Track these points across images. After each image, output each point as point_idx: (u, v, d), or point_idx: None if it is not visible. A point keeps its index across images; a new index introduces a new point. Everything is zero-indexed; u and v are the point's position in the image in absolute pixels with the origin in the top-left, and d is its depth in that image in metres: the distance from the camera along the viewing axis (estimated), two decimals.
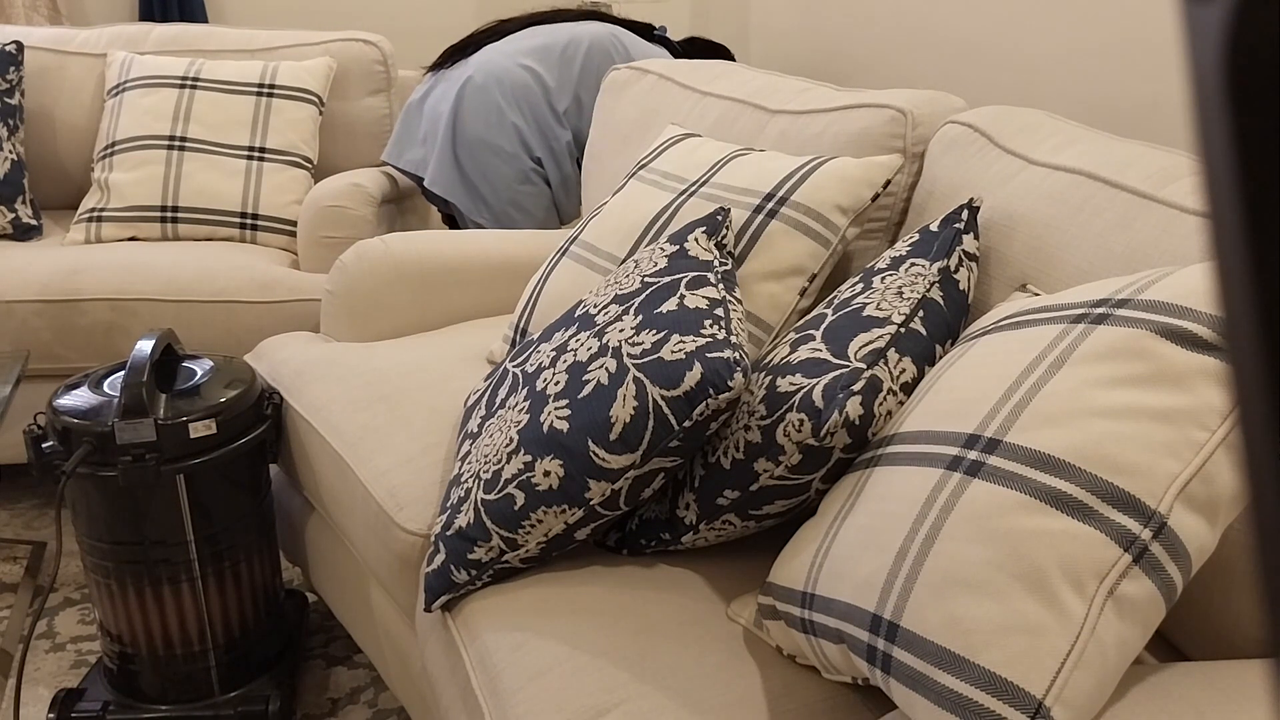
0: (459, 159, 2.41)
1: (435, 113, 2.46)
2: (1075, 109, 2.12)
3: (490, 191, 2.41)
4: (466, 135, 2.39)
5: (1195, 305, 0.83)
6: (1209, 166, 0.23)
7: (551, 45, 2.45)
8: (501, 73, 2.40)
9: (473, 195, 2.42)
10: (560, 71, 2.43)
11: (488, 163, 2.40)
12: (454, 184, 2.43)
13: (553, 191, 2.48)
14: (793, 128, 1.60)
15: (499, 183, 2.41)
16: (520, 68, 2.41)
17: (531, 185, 2.44)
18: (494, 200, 2.42)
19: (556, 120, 2.43)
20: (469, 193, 2.42)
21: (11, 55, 2.46)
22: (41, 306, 2.08)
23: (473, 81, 2.40)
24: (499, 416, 1.21)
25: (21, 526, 2.21)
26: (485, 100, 2.39)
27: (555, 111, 2.43)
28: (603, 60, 2.45)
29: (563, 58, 2.44)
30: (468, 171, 2.41)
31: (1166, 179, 1.11)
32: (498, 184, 2.41)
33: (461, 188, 2.42)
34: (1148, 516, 0.77)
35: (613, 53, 2.47)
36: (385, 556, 1.34)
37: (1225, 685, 0.80)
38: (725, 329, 1.09)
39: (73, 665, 1.79)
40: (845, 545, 0.91)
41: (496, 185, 2.41)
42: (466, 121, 2.40)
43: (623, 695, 0.96)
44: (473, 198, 2.42)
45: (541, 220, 2.48)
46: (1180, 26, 0.23)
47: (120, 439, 1.39)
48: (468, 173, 2.41)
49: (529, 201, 2.44)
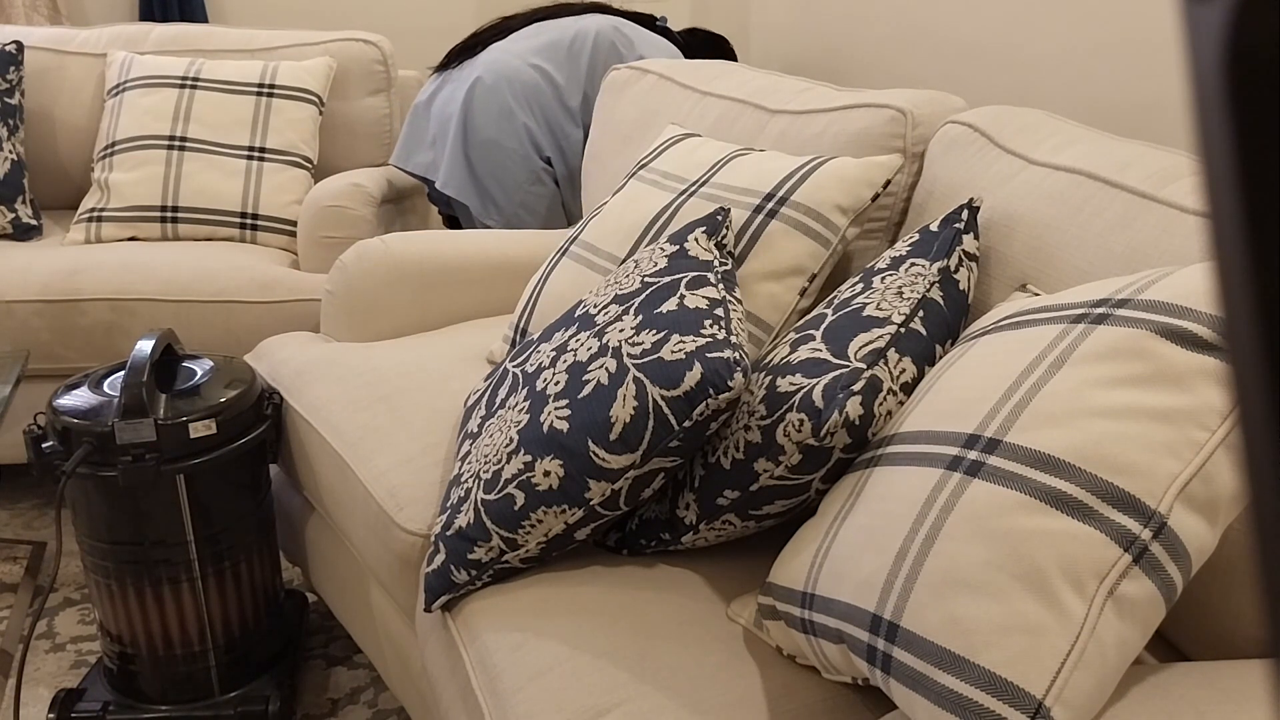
0: (470, 160, 2.40)
1: (444, 114, 2.45)
2: (1075, 109, 2.12)
3: (501, 193, 2.41)
4: (478, 137, 2.39)
5: (1195, 305, 0.83)
6: (1209, 166, 0.23)
7: (558, 41, 2.44)
8: (511, 73, 2.40)
9: (484, 197, 2.42)
10: (569, 68, 2.43)
11: (499, 164, 2.39)
12: (466, 186, 2.42)
13: (561, 191, 2.47)
14: (793, 128, 1.60)
15: (510, 184, 2.41)
16: (529, 67, 2.41)
17: (542, 186, 2.43)
18: (505, 202, 2.42)
19: (569, 118, 2.42)
20: (480, 195, 2.42)
21: (11, 55, 2.46)
22: (41, 306, 2.08)
23: (482, 82, 2.39)
24: (499, 416, 1.21)
25: (21, 526, 2.21)
26: (495, 101, 2.39)
27: (567, 109, 2.42)
28: (609, 54, 2.44)
29: (570, 54, 2.43)
30: (479, 173, 2.41)
31: (1166, 179, 1.11)
32: (509, 185, 2.41)
33: (473, 189, 2.42)
34: (1148, 516, 0.77)
35: (619, 45, 2.45)
36: (385, 556, 1.34)
37: (1225, 685, 0.80)
38: (725, 329, 1.09)
39: (73, 665, 1.79)
40: (845, 545, 0.91)
41: (507, 186, 2.41)
42: (477, 123, 2.39)
43: (623, 695, 0.96)
44: (484, 199, 2.42)
45: (550, 221, 2.47)
46: (1180, 26, 0.23)
47: (120, 439, 1.39)
48: (479, 174, 2.41)
49: (539, 203, 2.44)
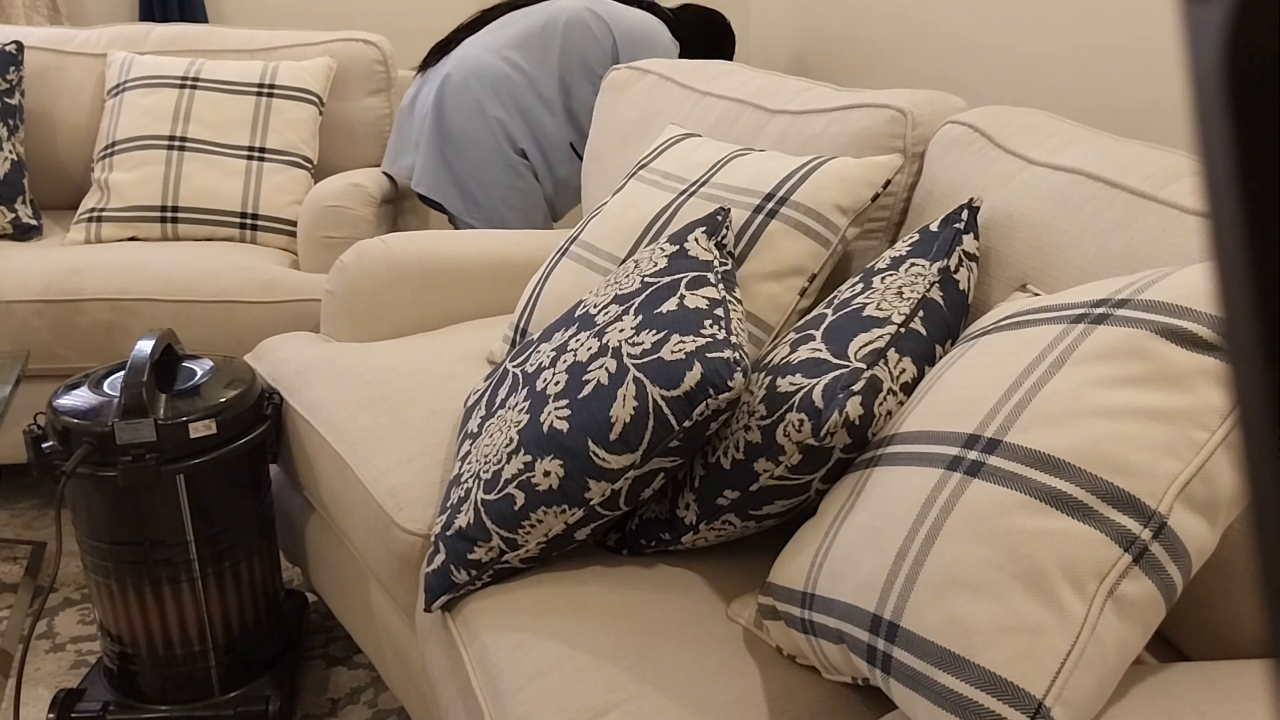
0: (447, 158, 2.40)
1: (422, 114, 2.45)
2: (1075, 109, 2.12)
3: (480, 189, 2.40)
4: (451, 135, 2.38)
5: (1195, 305, 0.83)
6: (1209, 166, 0.23)
7: (528, 31, 2.41)
8: (480, 67, 2.38)
9: (464, 195, 2.41)
10: (540, 56, 2.40)
11: (475, 160, 2.38)
12: (444, 185, 2.41)
13: (541, 184, 2.45)
14: (793, 128, 1.60)
15: (488, 180, 2.39)
16: (500, 60, 2.39)
17: (520, 179, 2.41)
18: (484, 200, 2.41)
19: (544, 107, 2.40)
20: (460, 193, 2.41)
21: (11, 55, 2.46)
22: (41, 306, 2.08)
23: (451, 79, 2.39)
24: (499, 416, 1.21)
25: (21, 526, 2.21)
26: (466, 97, 2.37)
27: (541, 98, 2.40)
28: (582, 35, 2.40)
29: (541, 41, 2.40)
30: (457, 171, 2.40)
31: (1166, 179, 1.11)
32: (487, 182, 2.40)
33: (453, 189, 2.41)
34: (1148, 516, 0.77)
35: (591, 25, 2.42)
36: (385, 556, 1.34)
37: (1225, 685, 0.80)
38: (725, 329, 1.09)
39: (73, 665, 1.79)
40: (845, 545, 0.91)
41: (485, 183, 2.40)
42: (449, 120, 2.38)
43: (623, 695, 0.96)
44: (464, 198, 2.41)
45: (533, 218, 2.45)
46: (1180, 26, 0.23)
47: (120, 439, 1.39)
48: (457, 172, 2.40)
49: (520, 200, 2.43)
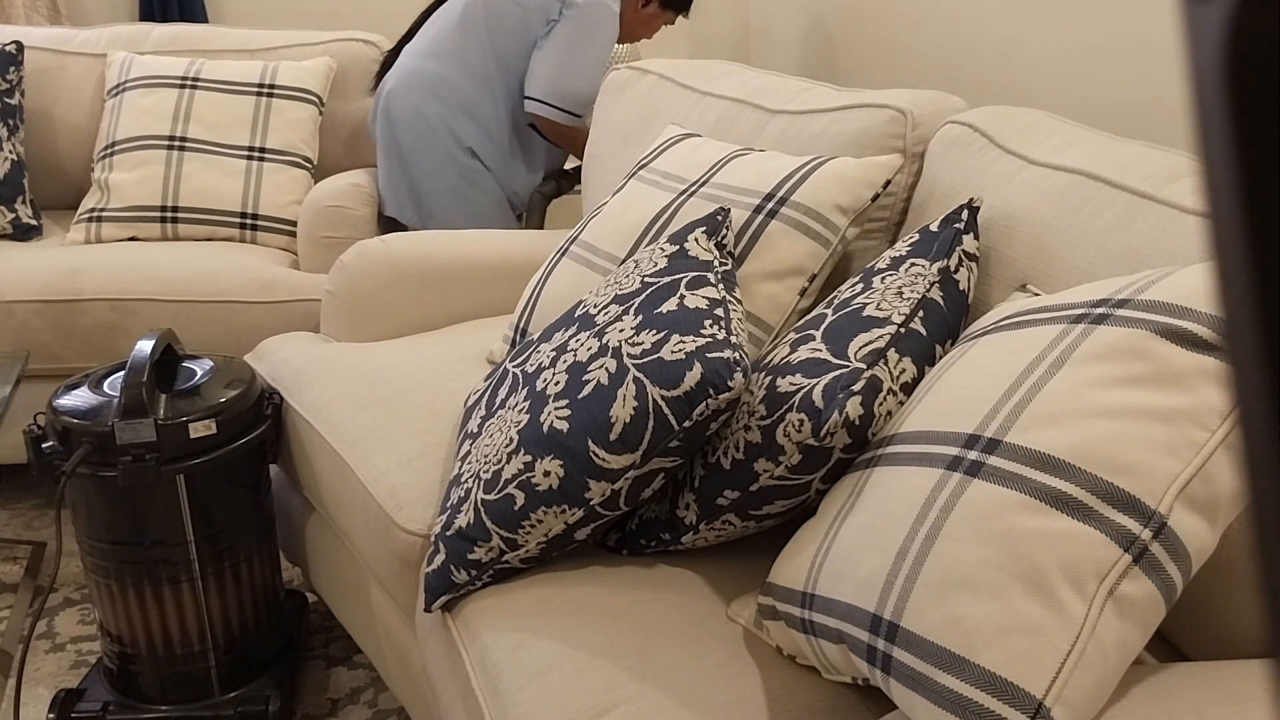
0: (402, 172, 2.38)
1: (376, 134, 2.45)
2: (1075, 109, 2.12)
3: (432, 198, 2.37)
4: (401, 147, 2.37)
5: (1195, 305, 0.83)
6: (1209, 166, 0.23)
7: (449, 23, 2.39)
8: (412, 74, 2.37)
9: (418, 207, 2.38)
10: (470, 43, 2.36)
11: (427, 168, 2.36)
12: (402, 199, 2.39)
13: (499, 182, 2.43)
14: (793, 128, 1.60)
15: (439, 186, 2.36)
16: (430, 60, 2.37)
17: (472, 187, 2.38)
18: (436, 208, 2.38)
19: (487, 95, 2.37)
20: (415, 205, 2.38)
21: (11, 55, 2.46)
22: (41, 306, 2.08)
23: (393, 93, 2.38)
24: (499, 417, 1.21)
25: (21, 526, 2.21)
26: (405, 105, 2.36)
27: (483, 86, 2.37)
28: (503, 7, 2.35)
29: (463, 29, 2.37)
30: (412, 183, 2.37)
31: (1166, 179, 1.11)
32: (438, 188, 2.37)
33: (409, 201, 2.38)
34: (1148, 516, 0.77)
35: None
36: (385, 556, 1.34)
37: (1225, 685, 0.80)
38: (725, 329, 1.09)
39: (73, 665, 1.79)
40: (845, 545, 0.91)
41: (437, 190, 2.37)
42: (398, 133, 2.37)
43: (623, 695, 0.96)
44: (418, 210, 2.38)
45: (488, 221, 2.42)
46: (1180, 26, 0.23)
47: (120, 439, 1.39)
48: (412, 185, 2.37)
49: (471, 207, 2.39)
